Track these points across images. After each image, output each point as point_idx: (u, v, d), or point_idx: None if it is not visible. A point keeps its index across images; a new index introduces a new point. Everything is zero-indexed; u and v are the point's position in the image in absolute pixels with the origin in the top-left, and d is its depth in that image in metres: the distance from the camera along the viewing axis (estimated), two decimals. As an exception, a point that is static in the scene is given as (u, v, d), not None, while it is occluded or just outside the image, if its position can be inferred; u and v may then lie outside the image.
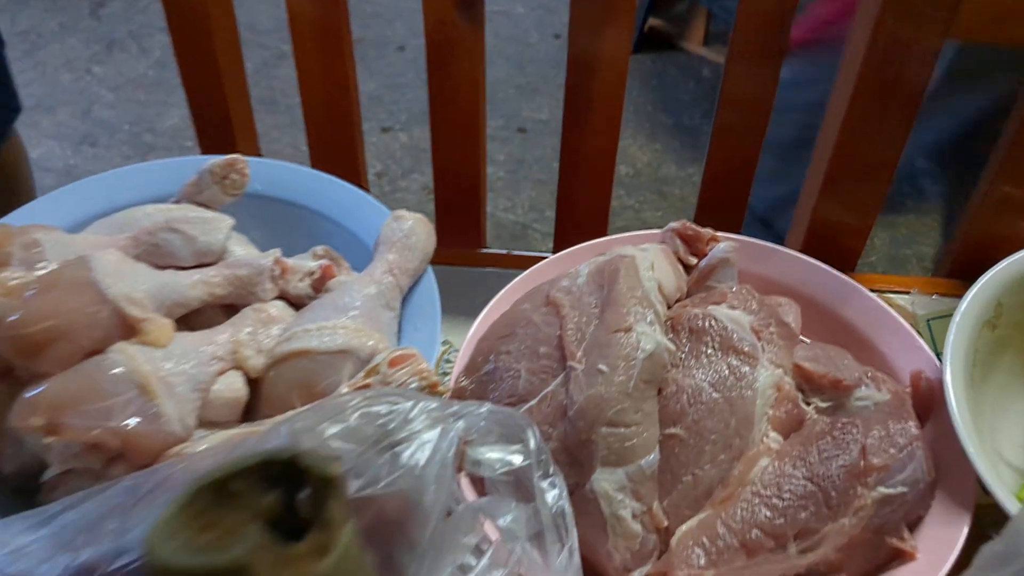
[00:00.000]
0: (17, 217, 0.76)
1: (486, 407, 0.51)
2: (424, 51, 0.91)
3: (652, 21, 2.89)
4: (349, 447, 0.49)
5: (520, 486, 0.53)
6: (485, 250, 1.00)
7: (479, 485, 0.59)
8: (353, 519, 0.29)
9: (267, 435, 0.50)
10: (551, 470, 0.52)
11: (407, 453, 0.48)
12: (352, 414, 0.50)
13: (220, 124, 0.99)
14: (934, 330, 0.83)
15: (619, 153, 0.93)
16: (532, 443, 0.52)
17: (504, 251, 0.96)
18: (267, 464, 0.29)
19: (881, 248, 2.14)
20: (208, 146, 1.01)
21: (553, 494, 0.51)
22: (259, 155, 0.96)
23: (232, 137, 1.00)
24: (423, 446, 0.49)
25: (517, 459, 0.52)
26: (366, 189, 0.91)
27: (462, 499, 0.54)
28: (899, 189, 2.18)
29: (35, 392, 0.59)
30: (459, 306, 0.78)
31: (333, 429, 0.49)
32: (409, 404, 0.50)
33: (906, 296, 0.87)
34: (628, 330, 0.62)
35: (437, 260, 0.93)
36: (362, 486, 0.47)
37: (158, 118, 2.59)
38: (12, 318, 0.60)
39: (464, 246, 1.02)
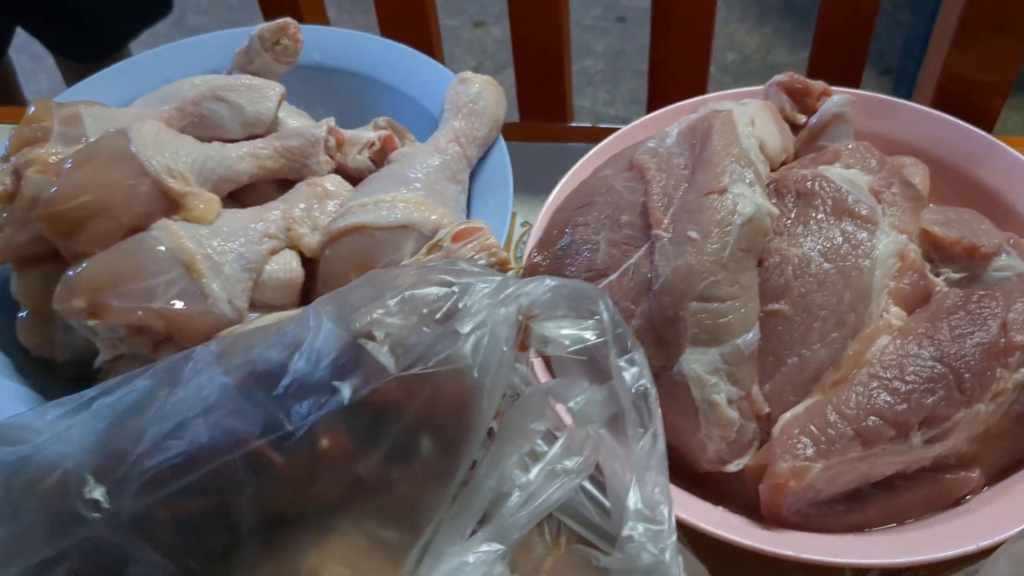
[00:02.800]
0: (68, 96, 0.72)
1: (550, 280, 0.45)
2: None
3: None
4: (398, 322, 0.43)
5: (595, 366, 0.46)
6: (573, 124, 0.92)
7: (553, 368, 0.53)
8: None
9: (296, 318, 0.44)
10: (629, 345, 0.45)
11: (462, 330, 0.42)
12: (395, 296, 0.44)
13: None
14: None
15: (726, 38, 0.83)
16: (605, 316, 0.45)
17: (588, 124, 0.87)
18: None
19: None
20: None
21: (632, 372, 0.44)
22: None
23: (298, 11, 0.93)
24: (479, 322, 0.43)
25: (590, 334, 0.45)
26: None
27: (533, 382, 0.48)
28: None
29: (75, 272, 0.55)
30: (543, 183, 0.68)
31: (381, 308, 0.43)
32: (464, 280, 0.44)
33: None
34: (723, 191, 0.54)
35: (519, 136, 0.85)
36: (410, 363, 0.41)
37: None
38: (48, 194, 0.56)
39: (548, 120, 0.94)
